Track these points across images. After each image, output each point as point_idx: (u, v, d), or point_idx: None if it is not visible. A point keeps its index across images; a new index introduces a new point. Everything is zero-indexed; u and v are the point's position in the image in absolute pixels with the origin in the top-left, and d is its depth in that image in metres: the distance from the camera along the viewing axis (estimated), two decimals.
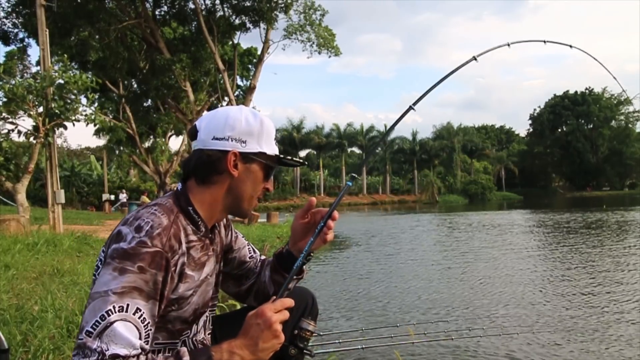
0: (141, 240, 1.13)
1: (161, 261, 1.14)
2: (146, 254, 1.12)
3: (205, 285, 1.33)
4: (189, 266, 1.24)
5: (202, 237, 1.30)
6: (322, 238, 1.39)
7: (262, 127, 1.30)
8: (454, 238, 15.72)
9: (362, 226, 22.19)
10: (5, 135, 11.43)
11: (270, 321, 1.18)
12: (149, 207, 1.23)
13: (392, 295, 7.40)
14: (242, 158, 1.28)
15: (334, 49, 21.87)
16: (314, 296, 1.73)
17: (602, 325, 5.54)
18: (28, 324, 3.36)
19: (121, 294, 1.08)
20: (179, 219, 1.23)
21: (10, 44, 20.57)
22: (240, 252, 1.55)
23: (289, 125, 56.27)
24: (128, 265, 1.11)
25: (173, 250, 1.18)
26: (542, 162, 75.43)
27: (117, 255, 1.12)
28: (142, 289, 1.11)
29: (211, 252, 1.35)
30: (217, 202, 1.31)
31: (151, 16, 20.10)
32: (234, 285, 1.56)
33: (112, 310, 1.06)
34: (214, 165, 1.27)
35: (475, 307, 6.50)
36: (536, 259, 10.72)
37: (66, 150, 47.84)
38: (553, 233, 16.40)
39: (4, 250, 6.68)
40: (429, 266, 10.13)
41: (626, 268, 9.11)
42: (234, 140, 1.27)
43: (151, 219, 1.18)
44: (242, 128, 1.28)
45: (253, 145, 1.29)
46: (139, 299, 1.10)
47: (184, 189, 1.31)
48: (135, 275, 1.10)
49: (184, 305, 1.26)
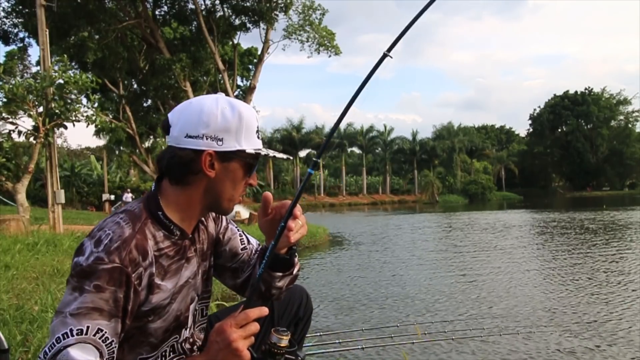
0: (98, 257, 1.07)
1: (121, 277, 1.07)
2: (102, 271, 1.05)
3: (187, 289, 1.26)
4: (158, 276, 1.17)
5: (177, 240, 1.22)
6: (285, 240, 1.26)
7: (241, 122, 1.17)
8: (454, 238, 15.72)
9: (362, 226, 22.19)
10: (5, 135, 11.44)
11: (228, 340, 1.08)
12: (116, 215, 1.17)
13: (393, 296, 7.40)
14: (219, 157, 1.16)
15: (334, 48, 21.86)
16: (308, 293, 1.67)
17: (602, 325, 5.54)
18: (28, 324, 3.37)
19: (78, 315, 1.04)
20: (146, 227, 1.16)
21: (10, 44, 20.61)
22: (231, 243, 1.44)
23: (289, 125, 56.27)
24: (85, 284, 1.05)
25: (135, 264, 1.10)
26: (542, 162, 75.40)
27: (76, 273, 1.08)
28: (102, 308, 1.05)
29: (192, 254, 1.27)
30: (194, 203, 1.21)
31: (151, 16, 20.11)
32: (230, 278, 1.47)
33: (68, 333, 1.03)
34: (187, 166, 1.16)
35: (476, 307, 6.51)
36: (536, 259, 10.72)
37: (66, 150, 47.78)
38: (553, 233, 16.40)
39: (4, 250, 6.68)
40: (429, 266, 10.13)
41: (626, 268, 9.11)
42: (208, 138, 1.15)
43: (112, 230, 1.11)
44: (217, 124, 1.15)
45: (231, 142, 1.16)
46: (100, 319, 1.05)
47: (155, 190, 1.22)
48: (92, 295, 1.05)
49: (162, 314, 1.20)
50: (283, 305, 1.59)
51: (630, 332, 5.26)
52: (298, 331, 1.62)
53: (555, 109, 74.50)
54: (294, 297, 1.61)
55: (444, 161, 62.83)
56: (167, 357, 1.28)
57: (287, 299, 1.59)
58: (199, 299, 1.34)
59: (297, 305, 1.61)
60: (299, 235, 1.27)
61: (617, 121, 74.11)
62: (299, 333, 1.63)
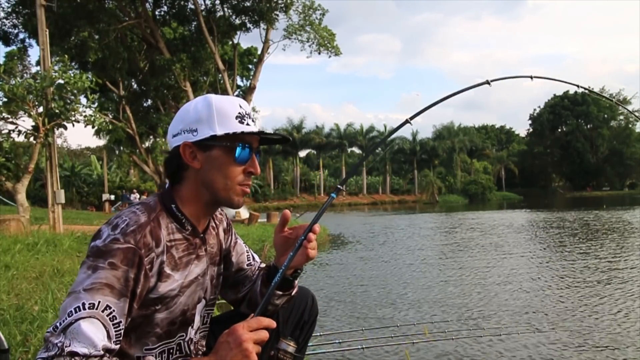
0: (114, 238, 1.12)
1: (134, 258, 1.11)
2: (118, 250, 1.10)
3: (195, 285, 1.29)
4: (168, 265, 1.21)
5: (188, 235, 1.27)
6: (303, 254, 1.33)
7: (211, 109, 1.23)
8: (454, 238, 15.72)
9: (362, 226, 22.19)
10: (5, 135, 11.44)
11: (240, 339, 1.10)
12: (132, 206, 1.23)
13: (393, 295, 7.40)
14: (199, 147, 1.23)
15: (334, 48, 21.87)
16: (314, 296, 1.69)
17: (603, 325, 5.54)
18: (28, 324, 3.36)
19: (92, 290, 1.07)
20: (160, 217, 1.21)
21: (10, 44, 20.60)
22: (239, 258, 1.51)
23: (289, 125, 56.30)
24: (100, 262, 1.09)
25: (148, 248, 1.15)
26: (542, 162, 75.38)
27: (92, 253, 1.12)
28: (114, 285, 1.09)
29: (202, 253, 1.31)
30: (196, 198, 1.27)
31: (151, 16, 20.11)
32: (231, 292, 1.52)
33: (80, 307, 1.05)
34: (175, 162, 1.25)
35: (476, 307, 6.50)
36: (537, 259, 10.72)
37: (66, 150, 47.77)
38: (553, 233, 16.40)
39: (4, 250, 6.67)
40: (429, 266, 10.13)
41: (626, 268, 9.11)
42: (185, 132, 1.23)
43: (129, 217, 1.17)
44: (190, 117, 1.24)
45: (204, 131, 1.22)
46: (110, 296, 1.08)
47: (169, 187, 1.29)
48: (106, 272, 1.09)
49: (170, 305, 1.23)
50: (288, 308, 1.59)
51: (631, 331, 5.26)
52: (303, 334, 1.62)
53: (555, 109, 74.49)
54: (300, 299, 1.61)
55: (444, 161, 62.85)
56: (173, 354, 1.30)
57: (293, 302, 1.58)
58: (205, 303, 1.36)
59: (303, 308, 1.62)
60: (314, 252, 1.35)
61: (617, 121, 74.09)
62: (303, 336, 1.62)
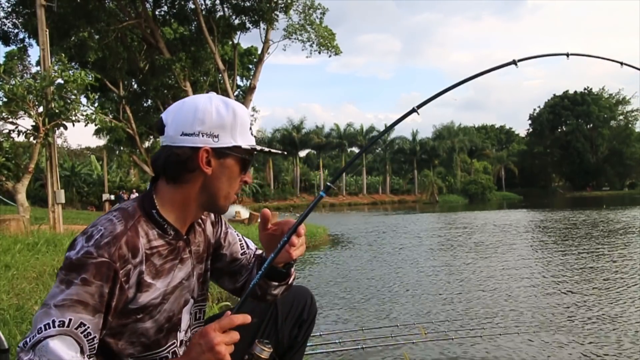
0: (87, 251, 1.07)
1: (108, 272, 1.07)
2: (91, 265, 1.06)
3: (179, 290, 1.26)
4: (149, 274, 1.17)
5: (171, 240, 1.22)
6: (285, 255, 1.28)
7: (235, 118, 1.19)
8: (454, 238, 15.72)
9: (362, 226, 22.18)
10: (5, 135, 11.43)
11: (211, 343, 1.08)
12: (110, 213, 1.18)
13: (393, 295, 7.40)
14: (215, 154, 1.18)
15: (334, 48, 21.84)
16: (313, 295, 1.68)
17: (603, 325, 5.54)
18: (28, 324, 3.37)
19: (62, 307, 1.04)
20: (139, 224, 1.16)
21: (10, 44, 20.59)
22: (232, 248, 1.46)
23: (289, 125, 56.30)
24: (73, 277, 1.06)
25: (124, 260, 1.10)
26: (542, 162, 75.37)
27: (65, 266, 1.09)
28: (87, 302, 1.05)
29: (186, 255, 1.27)
30: (190, 201, 1.22)
31: (151, 16, 20.09)
32: (229, 282, 1.48)
33: (50, 324, 1.03)
34: (184, 164, 1.17)
35: (476, 308, 6.50)
36: (537, 259, 10.72)
37: (66, 150, 47.74)
38: (553, 233, 16.41)
39: (4, 250, 6.66)
40: (430, 266, 10.12)
41: (626, 268, 9.11)
42: (204, 135, 1.16)
43: (104, 226, 1.12)
44: (213, 121, 1.17)
45: (226, 139, 1.18)
46: (83, 313, 1.05)
47: (150, 190, 1.23)
48: (78, 288, 1.05)
49: (154, 314, 1.20)
50: (287, 307, 1.59)
51: (631, 331, 5.26)
52: (302, 333, 1.62)
53: (555, 109, 74.48)
54: (298, 298, 1.61)
55: (444, 161, 62.86)
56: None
57: (292, 301, 1.58)
58: (194, 301, 1.34)
59: (302, 307, 1.61)
60: (299, 252, 1.30)
61: (617, 121, 74.07)
62: (302, 335, 1.62)
